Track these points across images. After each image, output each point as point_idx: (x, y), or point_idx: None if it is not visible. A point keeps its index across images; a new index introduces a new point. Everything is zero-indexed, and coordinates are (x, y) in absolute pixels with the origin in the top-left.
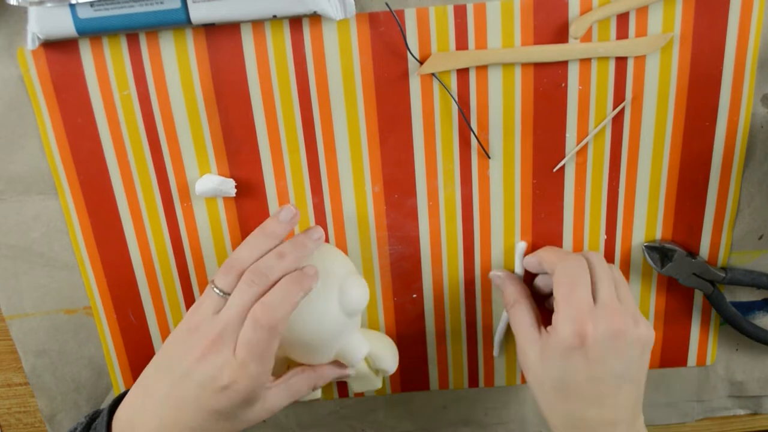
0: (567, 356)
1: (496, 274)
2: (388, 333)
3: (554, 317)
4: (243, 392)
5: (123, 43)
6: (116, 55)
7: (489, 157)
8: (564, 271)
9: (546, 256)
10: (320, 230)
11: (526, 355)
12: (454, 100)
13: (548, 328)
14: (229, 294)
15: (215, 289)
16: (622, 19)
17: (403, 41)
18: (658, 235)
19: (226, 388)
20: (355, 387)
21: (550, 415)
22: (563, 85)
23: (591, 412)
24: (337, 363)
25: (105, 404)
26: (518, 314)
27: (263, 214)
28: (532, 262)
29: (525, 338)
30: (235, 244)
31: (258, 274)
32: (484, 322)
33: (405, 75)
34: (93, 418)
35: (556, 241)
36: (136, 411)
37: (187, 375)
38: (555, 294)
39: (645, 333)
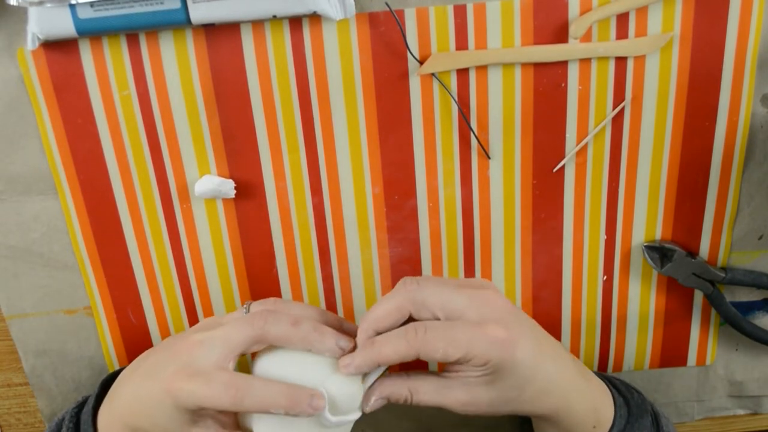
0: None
1: (380, 396)
2: None
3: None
4: None
5: (123, 44)
6: (116, 55)
7: (489, 157)
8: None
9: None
10: (343, 351)
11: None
12: (454, 100)
13: (454, 367)
14: None
15: (245, 310)
16: (622, 19)
17: (403, 41)
18: (658, 235)
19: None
20: None
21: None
22: (563, 85)
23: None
24: None
25: None
26: (425, 389)
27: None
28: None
29: (456, 395)
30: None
31: (258, 320)
32: None
33: (405, 75)
34: (86, 398)
35: (557, 241)
36: (125, 375)
37: (171, 352)
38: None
39: (492, 284)
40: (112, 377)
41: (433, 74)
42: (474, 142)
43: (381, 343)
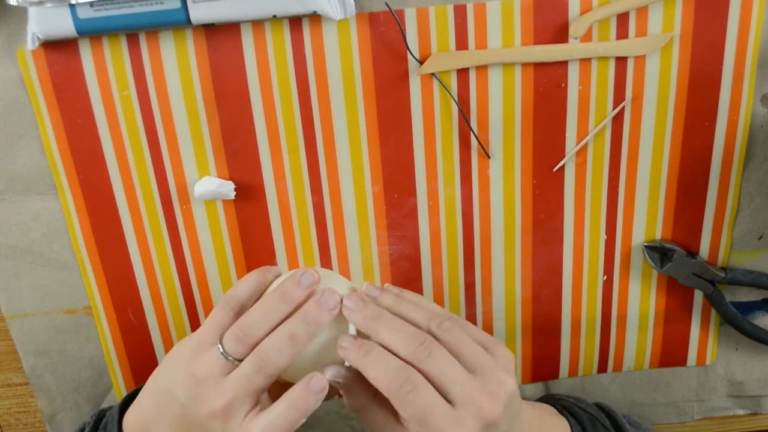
0: None
1: (337, 373)
2: None
3: None
4: None
5: (123, 43)
6: (116, 55)
7: (489, 157)
8: (390, 386)
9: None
10: (336, 298)
11: None
12: (454, 100)
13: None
14: (239, 360)
15: (221, 351)
16: (622, 19)
17: (403, 41)
18: (658, 235)
19: None
20: None
21: None
22: (563, 85)
23: None
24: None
25: (105, 404)
26: (373, 415)
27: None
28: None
29: None
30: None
31: (267, 362)
32: (484, 323)
33: (405, 75)
34: (100, 417)
35: (557, 241)
36: (150, 419)
37: (196, 421)
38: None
39: (511, 389)
40: (128, 400)
41: (433, 74)
42: (474, 141)
43: (383, 344)
